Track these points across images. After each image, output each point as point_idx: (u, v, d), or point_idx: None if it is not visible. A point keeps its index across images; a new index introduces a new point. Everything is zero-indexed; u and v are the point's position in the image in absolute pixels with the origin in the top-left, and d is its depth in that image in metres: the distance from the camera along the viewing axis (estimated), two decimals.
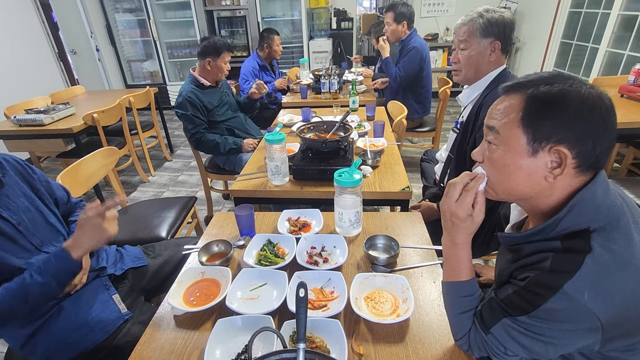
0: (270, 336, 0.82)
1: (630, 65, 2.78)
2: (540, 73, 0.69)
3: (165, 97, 5.42)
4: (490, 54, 1.35)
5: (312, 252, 1.15)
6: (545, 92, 0.64)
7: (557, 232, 0.66)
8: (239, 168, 2.12)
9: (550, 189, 0.67)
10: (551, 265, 0.63)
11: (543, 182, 0.66)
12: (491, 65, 1.38)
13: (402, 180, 1.55)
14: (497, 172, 0.71)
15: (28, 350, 1.06)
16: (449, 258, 0.80)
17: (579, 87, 0.63)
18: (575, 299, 0.59)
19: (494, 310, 0.71)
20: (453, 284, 0.79)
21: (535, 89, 0.65)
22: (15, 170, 1.09)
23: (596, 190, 0.64)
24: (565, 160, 0.63)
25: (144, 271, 1.35)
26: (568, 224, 0.65)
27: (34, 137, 2.78)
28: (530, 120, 0.65)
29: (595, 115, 0.62)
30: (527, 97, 0.66)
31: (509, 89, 0.70)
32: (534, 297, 0.63)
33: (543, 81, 0.66)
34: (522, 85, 0.68)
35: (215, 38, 2.29)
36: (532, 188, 0.68)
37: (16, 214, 1.01)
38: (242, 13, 5.12)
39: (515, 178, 0.68)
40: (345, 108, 2.50)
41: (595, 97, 0.62)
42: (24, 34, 3.89)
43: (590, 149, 0.62)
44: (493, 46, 1.34)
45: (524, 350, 0.67)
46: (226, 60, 2.30)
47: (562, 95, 0.63)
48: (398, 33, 2.97)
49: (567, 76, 0.66)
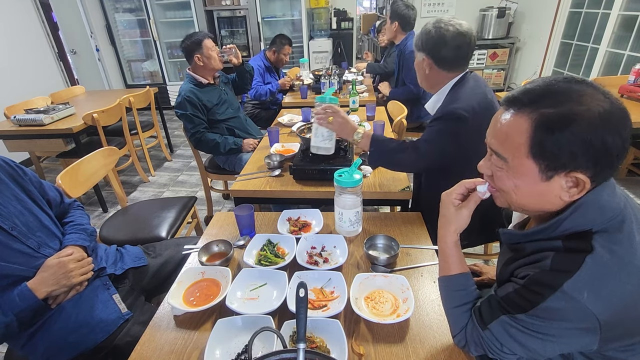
0: (270, 336, 0.82)
1: (630, 66, 2.78)
2: (545, 82, 0.63)
3: (165, 97, 5.42)
4: (425, 66, 1.31)
5: (312, 252, 1.15)
6: (554, 116, 0.59)
7: (559, 232, 0.66)
8: (239, 168, 2.12)
9: (563, 203, 0.66)
10: (551, 264, 0.63)
11: (558, 201, 0.65)
12: (438, 78, 1.32)
13: (402, 180, 1.55)
14: (509, 189, 0.69)
15: (28, 350, 1.06)
16: (440, 253, 0.83)
17: (590, 102, 0.58)
18: (574, 299, 0.59)
19: (493, 307, 0.71)
20: (444, 278, 0.82)
21: (541, 112, 0.60)
22: (5, 172, 1.06)
23: (603, 192, 0.64)
24: (584, 184, 0.61)
25: (144, 271, 1.35)
26: (571, 224, 0.64)
27: (33, 137, 2.78)
28: (540, 151, 0.61)
29: (612, 132, 0.58)
30: (534, 124, 0.61)
31: (511, 104, 0.65)
32: (533, 296, 0.63)
33: (550, 97, 0.61)
34: (525, 104, 0.63)
35: (190, 35, 2.26)
36: (545, 204, 0.67)
37: (8, 219, 1.00)
38: (242, 13, 5.12)
39: (528, 197, 0.67)
40: (345, 108, 2.50)
41: (609, 111, 0.58)
42: (23, 33, 3.89)
43: (608, 168, 0.61)
44: (424, 60, 1.30)
45: (521, 348, 0.67)
46: (210, 46, 2.26)
47: (573, 119, 0.58)
48: (389, 32, 2.96)
49: (577, 82, 0.61)
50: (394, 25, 2.87)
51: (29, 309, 0.98)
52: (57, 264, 1.02)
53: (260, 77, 3.31)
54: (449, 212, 0.80)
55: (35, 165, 3.30)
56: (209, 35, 2.29)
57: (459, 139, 1.22)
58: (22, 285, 0.98)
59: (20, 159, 3.33)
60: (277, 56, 3.38)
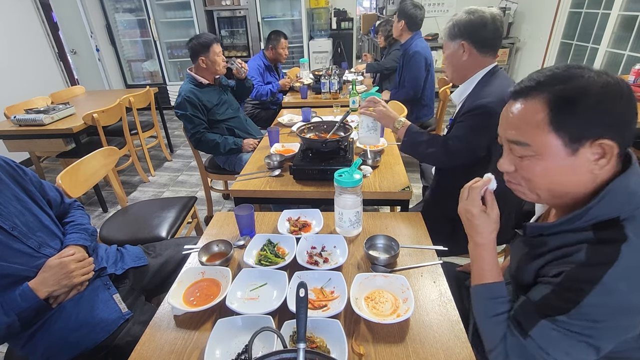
0: (270, 336, 0.82)
1: (630, 66, 2.78)
2: (547, 70, 0.65)
3: (165, 97, 5.43)
4: (462, 52, 1.33)
5: (312, 252, 1.15)
6: (565, 90, 0.62)
7: (586, 221, 0.65)
8: (238, 168, 2.12)
9: (593, 181, 0.65)
10: (587, 258, 0.61)
11: (588, 175, 0.64)
12: (474, 64, 1.35)
13: (402, 180, 1.55)
14: (539, 178, 0.68)
15: (29, 350, 1.06)
16: (474, 260, 0.80)
17: (593, 76, 0.61)
18: (616, 291, 0.57)
19: (530, 312, 0.67)
20: (479, 286, 0.78)
21: (551, 90, 0.63)
22: (5, 172, 1.06)
23: (630, 178, 0.63)
24: (611, 151, 0.61)
25: (145, 271, 1.35)
26: (598, 212, 0.63)
27: (33, 137, 2.78)
28: (560, 123, 0.62)
29: (623, 101, 0.60)
30: (550, 99, 0.62)
31: (519, 94, 0.67)
32: (574, 293, 0.61)
33: (556, 79, 0.63)
34: (533, 88, 0.65)
35: (199, 36, 2.25)
36: (577, 184, 0.66)
37: (9, 219, 1.00)
38: (242, 13, 5.12)
39: (559, 179, 0.66)
40: (345, 108, 2.50)
41: (615, 83, 0.61)
42: (24, 33, 3.89)
43: (626, 131, 0.62)
44: (462, 46, 1.33)
45: (567, 355, 0.63)
46: (217, 52, 2.26)
47: (585, 90, 0.60)
48: (396, 30, 2.94)
49: (576, 67, 0.63)
50: (401, 24, 2.85)
51: (30, 308, 0.98)
52: (59, 265, 1.03)
53: (260, 77, 3.31)
54: (482, 219, 0.78)
55: (35, 165, 3.30)
56: (218, 39, 2.29)
57: (491, 133, 1.25)
58: (24, 285, 0.98)
59: (20, 159, 3.33)
60: (275, 52, 3.37)
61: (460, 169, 1.36)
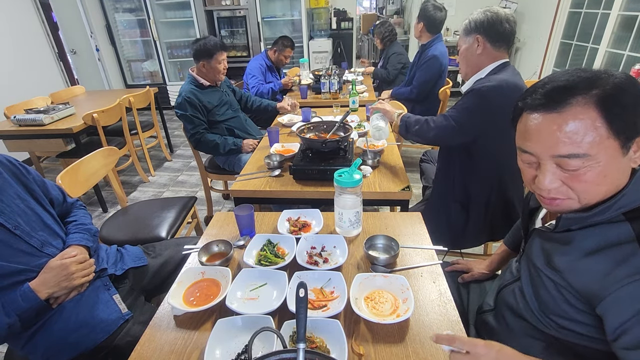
0: (270, 336, 0.82)
1: (630, 66, 2.78)
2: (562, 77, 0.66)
3: (165, 97, 5.43)
4: (477, 47, 1.41)
5: (312, 252, 1.15)
6: (606, 91, 0.62)
7: (616, 209, 0.66)
8: (238, 168, 2.12)
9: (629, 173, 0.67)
10: None
11: (630, 169, 0.67)
12: (487, 58, 1.42)
13: (402, 180, 1.55)
14: (594, 185, 0.66)
15: (29, 350, 1.06)
16: None
17: (617, 75, 0.64)
18: None
19: None
20: None
21: (593, 94, 0.62)
22: (8, 171, 1.06)
23: None
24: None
25: (145, 271, 1.35)
26: (630, 198, 0.65)
27: (33, 137, 2.78)
28: (619, 127, 0.62)
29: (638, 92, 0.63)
30: (598, 105, 0.62)
31: (549, 107, 0.65)
32: None
33: (583, 83, 0.63)
34: (567, 97, 0.63)
35: (206, 39, 2.23)
36: (624, 180, 0.67)
37: (12, 218, 1.00)
38: (242, 13, 5.12)
39: (613, 179, 0.66)
40: (345, 108, 2.50)
41: (631, 78, 0.64)
42: (23, 33, 3.89)
43: None
44: (477, 40, 1.40)
45: None
46: (220, 59, 2.24)
47: (622, 89, 0.62)
48: (416, 30, 2.91)
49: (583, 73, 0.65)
50: (420, 26, 2.83)
51: (31, 309, 0.98)
52: (60, 266, 1.03)
53: (261, 76, 3.32)
54: None
55: (35, 165, 3.30)
56: (224, 47, 2.26)
57: (483, 116, 1.35)
58: (25, 285, 0.98)
59: (20, 159, 3.32)
60: (278, 56, 3.41)
61: (459, 163, 1.48)
